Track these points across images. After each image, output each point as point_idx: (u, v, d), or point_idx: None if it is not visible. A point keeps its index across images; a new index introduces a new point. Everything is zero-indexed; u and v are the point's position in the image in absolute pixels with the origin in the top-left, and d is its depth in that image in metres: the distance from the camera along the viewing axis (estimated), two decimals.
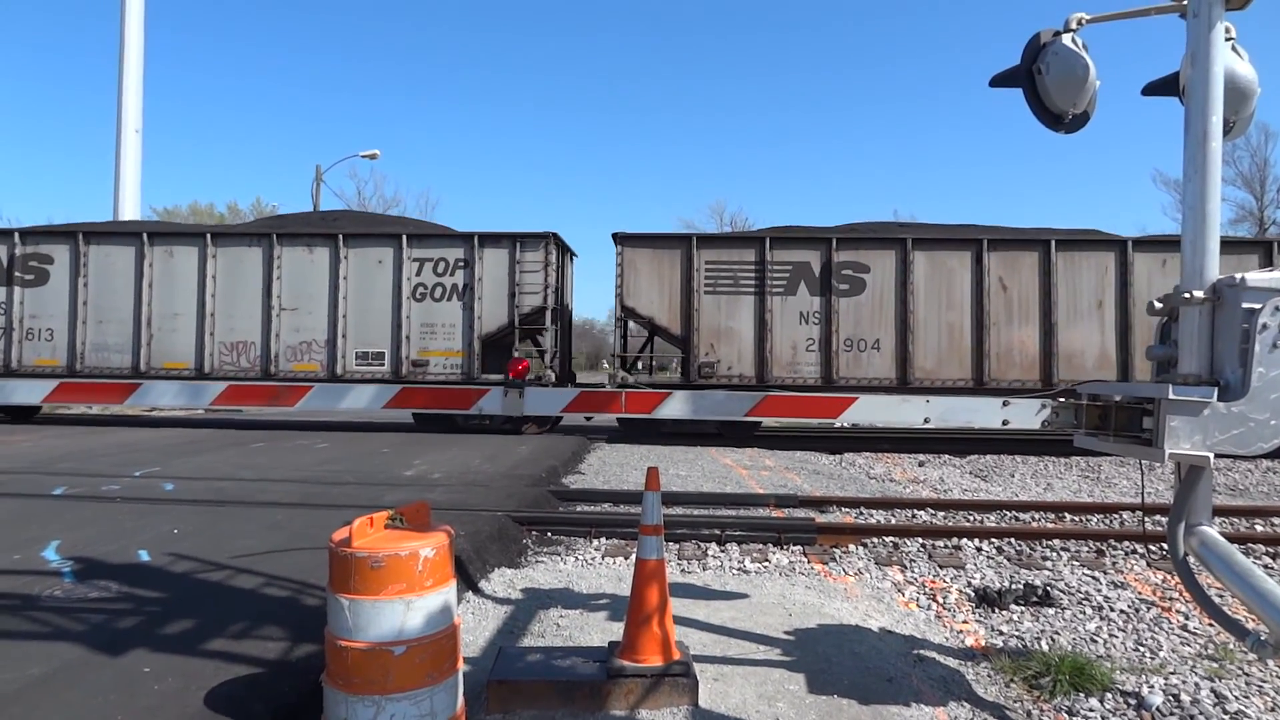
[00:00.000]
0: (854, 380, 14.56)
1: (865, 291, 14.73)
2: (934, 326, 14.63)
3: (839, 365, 14.63)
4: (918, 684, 3.94)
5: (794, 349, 14.73)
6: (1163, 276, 14.34)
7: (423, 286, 15.36)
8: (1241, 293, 2.90)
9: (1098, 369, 14.39)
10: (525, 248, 15.32)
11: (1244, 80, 3.56)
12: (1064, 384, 14.15)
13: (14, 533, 6.07)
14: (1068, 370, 14.35)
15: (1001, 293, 14.57)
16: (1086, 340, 14.47)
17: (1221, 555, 3.04)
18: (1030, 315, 14.53)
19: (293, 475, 9.41)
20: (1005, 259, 14.62)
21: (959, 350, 14.58)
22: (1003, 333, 14.54)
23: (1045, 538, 7.12)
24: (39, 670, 3.45)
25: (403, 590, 2.70)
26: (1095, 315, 14.47)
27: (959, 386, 14.42)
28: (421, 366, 15.20)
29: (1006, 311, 14.57)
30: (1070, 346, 14.46)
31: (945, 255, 14.69)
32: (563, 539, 7.04)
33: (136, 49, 28.14)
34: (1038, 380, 14.37)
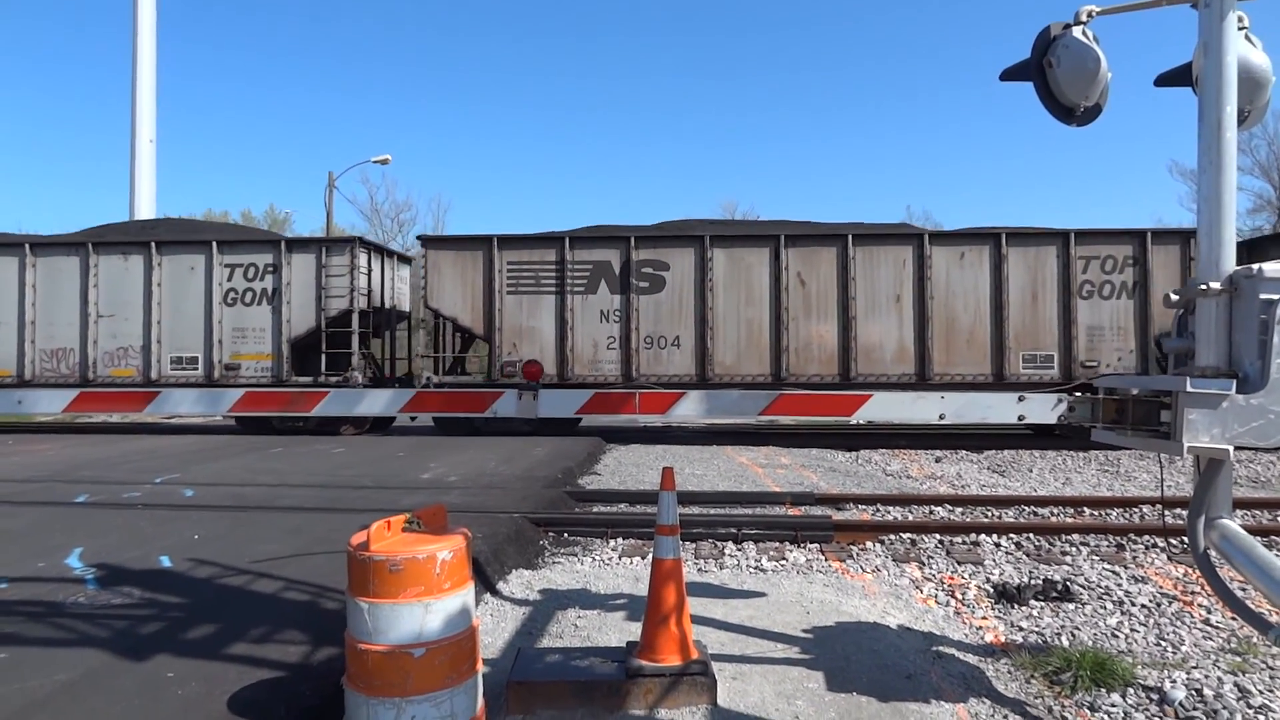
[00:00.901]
0: (653, 377, 14.80)
1: (665, 289, 14.97)
2: (733, 323, 14.83)
3: (639, 362, 14.89)
4: (937, 681, 3.93)
5: (595, 347, 15.02)
6: (960, 270, 14.56)
7: (234, 292, 15.82)
8: (1259, 283, 2.87)
9: (896, 362, 14.61)
10: (331, 252, 15.85)
11: (1258, 69, 3.53)
12: (862, 378, 14.42)
13: (38, 540, 6.14)
14: (866, 364, 14.57)
15: (800, 288, 14.76)
16: (885, 333, 14.65)
17: (1243, 548, 3.01)
18: (828, 310, 14.72)
19: (310, 480, 9.47)
20: (803, 254, 14.80)
21: (758, 346, 14.77)
22: (801, 328, 14.72)
23: (1064, 533, 7.08)
24: (65, 676, 3.49)
25: (421, 593, 2.72)
26: (894, 309, 14.62)
27: (758, 382, 14.62)
28: (234, 370, 15.69)
29: (805, 306, 14.75)
30: (869, 340, 14.66)
31: (744, 252, 14.89)
32: (580, 540, 7.06)
33: (149, 59, 28.41)
34: (836, 374, 14.58)
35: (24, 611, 4.41)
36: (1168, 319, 14.14)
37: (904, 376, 14.54)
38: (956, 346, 14.54)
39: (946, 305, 14.56)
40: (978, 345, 14.55)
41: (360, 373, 15.63)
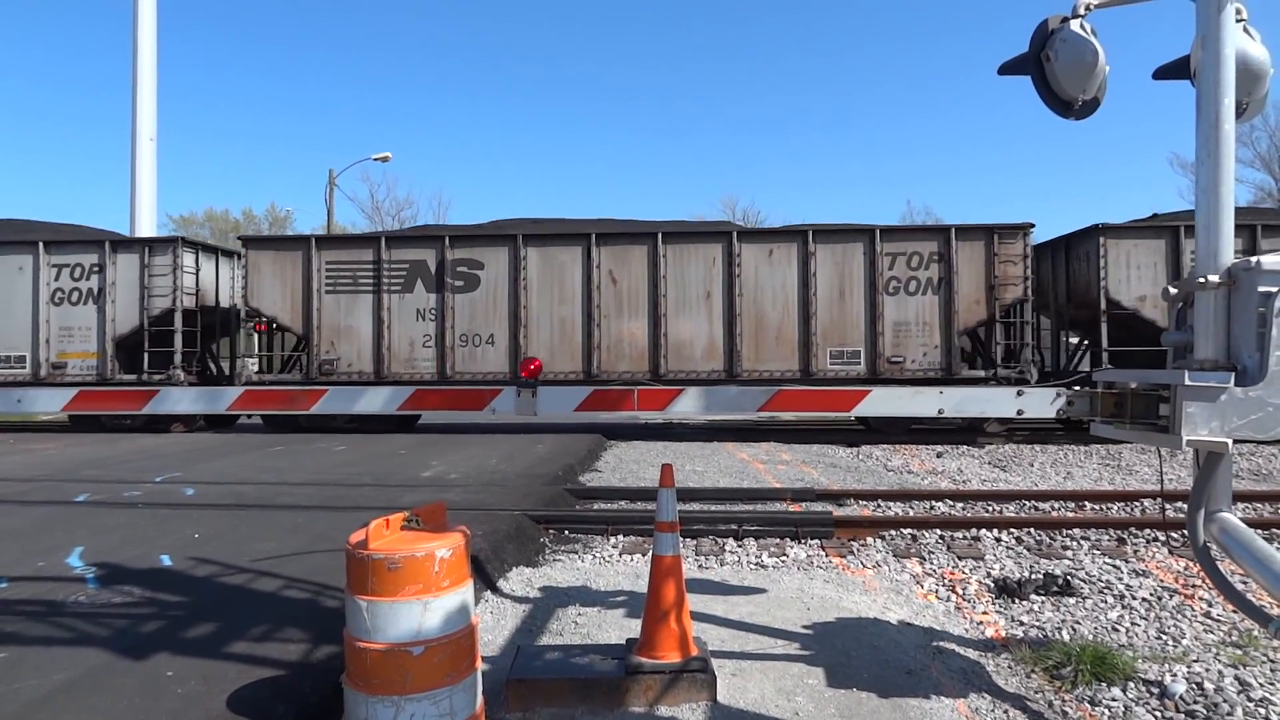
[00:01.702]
0: (469, 375, 15.07)
1: (480, 288, 15.18)
2: (546, 321, 15.03)
3: (454, 360, 15.12)
4: (937, 676, 3.93)
5: (411, 345, 15.24)
6: (769, 267, 14.71)
7: (61, 291, 15.93)
8: (1257, 276, 2.86)
9: (706, 358, 14.77)
10: (155, 252, 16.05)
11: (1256, 61, 3.52)
12: (672, 375, 14.62)
13: (39, 540, 6.15)
14: (676, 361, 14.76)
15: (612, 286, 14.95)
16: (696, 331, 14.81)
17: (1243, 541, 3.01)
18: (640, 308, 14.88)
19: (311, 478, 9.48)
20: (615, 253, 14.97)
21: (571, 343, 14.98)
22: (613, 325, 14.91)
23: (1065, 527, 7.07)
24: (64, 675, 3.50)
25: (420, 591, 2.71)
26: (704, 306, 14.76)
27: (570, 379, 14.79)
28: (60, 369, 15.85)
29: (617, 304, 14.93)
30: (679, 337, 14.83)
31: (557, 250, 15.09)
32: (580, 537, 7.06)
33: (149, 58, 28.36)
34: (646, 371, 14.72)
35: (25, 611, 4.41)
36: (971, 315, 14.49)
37: (714, 373, 14.73)
38: (765, 343, 14.72)
39: (756, 302, 14.75)
40: (786, 341, 14.71)
41: (182, 371, 15.91)
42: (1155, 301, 14.16)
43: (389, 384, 14.57)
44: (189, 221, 48.37)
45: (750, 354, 14.65)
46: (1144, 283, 14.27)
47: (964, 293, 14.45)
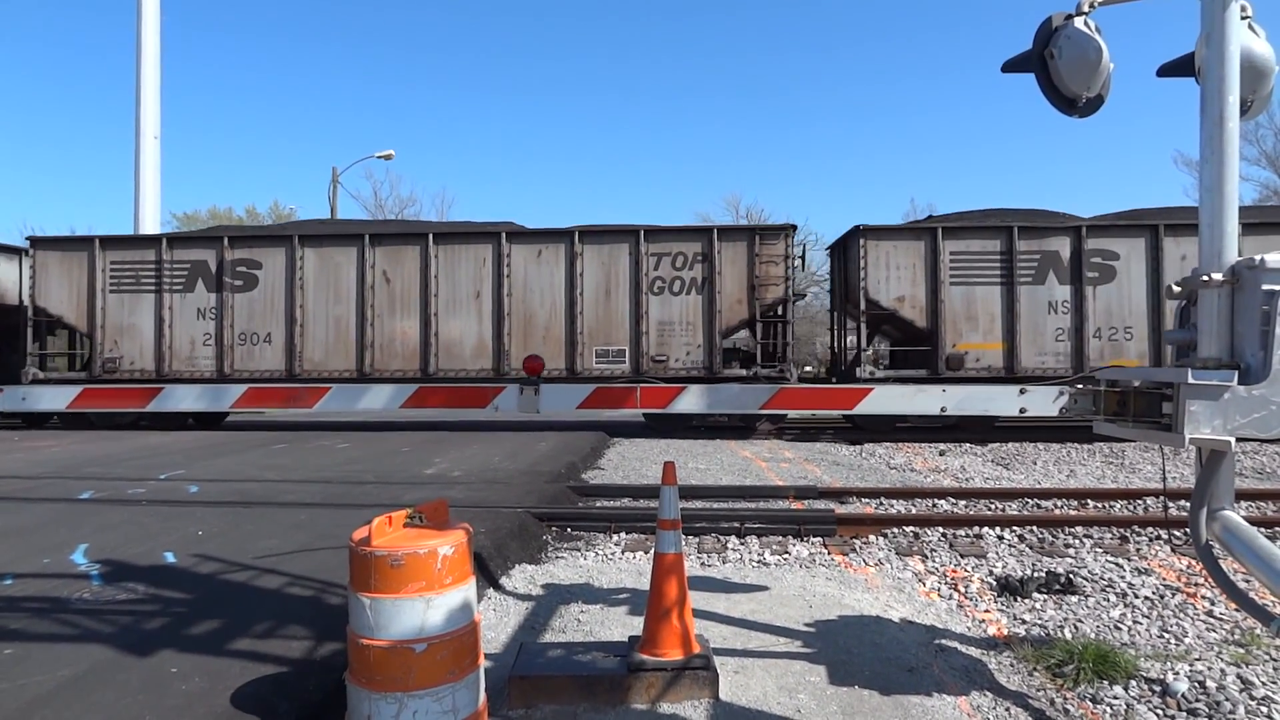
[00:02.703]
0: (246, 373, 15.40)
1: (258, 287, 15.56)
2: (322, 320, 15.42)
3: (234, 359, 15.47)
4: (939, 674, 3.93)
5: (192, 344, 15.62)
6: (538, 267, 15.06)
7: None
8: (1261, 274, 2.86)
9: (476, 357, 15.11)
10: None
11: (1261, 59, 3.51)
12: (442, 373, 14.91)
13: (43, 537, 6.17)
14: (446, 360, 15.12)
15: (385, 286, 15.32)
16: (465, 330, 15.16)
17: (1245, 540, 3.01)
18: (411, 307, 15.23)
19: (314, 476, 9.49)
20: (389, 253, 15.37)
21: (345, 342, 15.34)
22: (386, 324, 15.29)
23: (1068, 525, 7.07)
24: (69, 671, 3.51)
25: (422, 588, 2.72)
26: (474, 305, 15.12)
27: (344, 377, 15.14)
28: None
29: (390, 304, 15.31)
30: (449, 336, 15.18)
31: (333, 251, 15.48)
32: (583, 534, 7.07)
33: (153, 56, 28.38)
34: (417, 370, 15.03)
35: (29, 607, 4.43)
36: (734, 314, 14.72)
37: (482, 372, 15.01)
38: (534, 342, 15.01)
39: (525, 302, 15.07)
40: (554, 340, 15.00)
41: None
42: (914, 302, 14.48)
43: (169, 381, 15.33)
44: (193, 219, 48.39)
45: (518, 353, 14.97)
46: (903, 283, 14.53)
47: (727, 293, 14.74)
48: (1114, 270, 14.30)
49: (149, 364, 15.59)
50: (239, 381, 15.27)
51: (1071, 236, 14.32)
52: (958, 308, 14.41)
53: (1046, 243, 14.38)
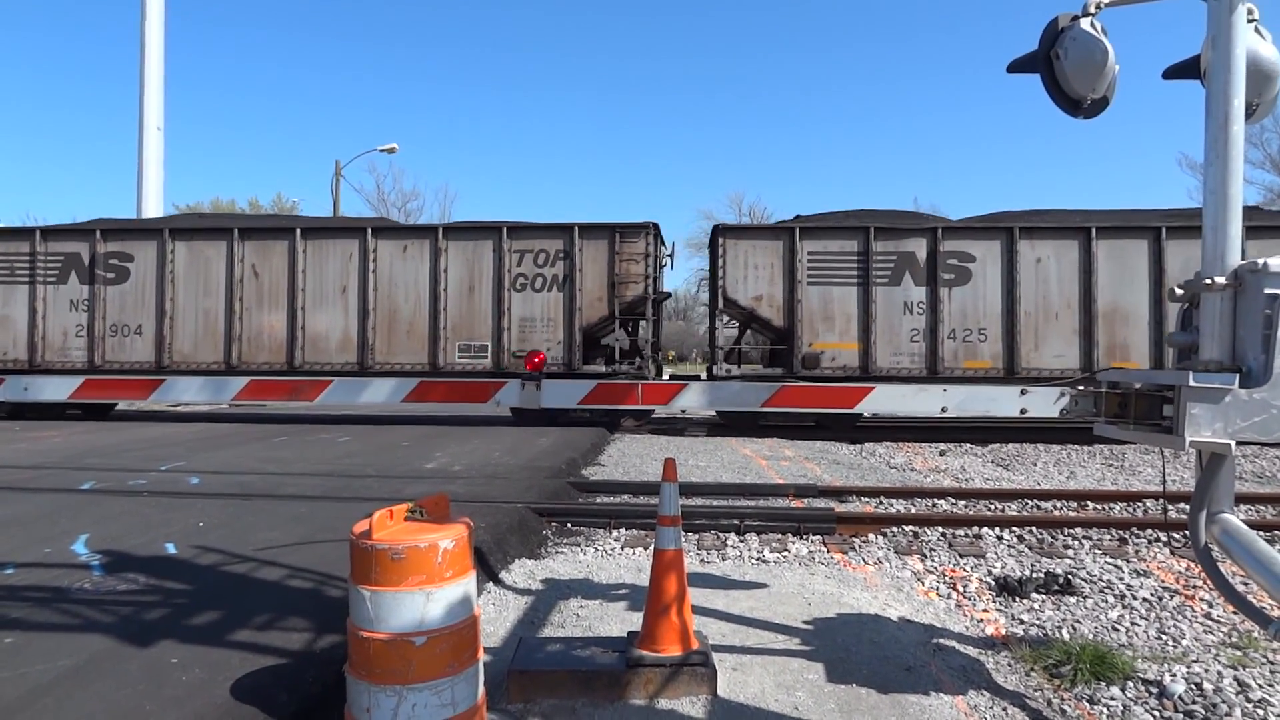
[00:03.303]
0: (118, 364, 15.73)
1: (130, 280, 15.85)
2: (192, 313, 15.73)
3: (105, 350, 15.78)
4: (937, 673, 3.94)
5: (65, 335, 15.94)
6: (403, 262, 15.39)
7: None
8: (1264, 278, 2.86)
9: (341, 351, 15.41)
10: None
11: (1267, 62, 3.50)
12: (308, 366, 15.20)
13: (44, 527, 6.18)
14: (313, 353, 15.43)
15: (254, 279, 15.62)
16: (332, 324, 15.47)
17: (1244, 543, 3.01)
18: (279, 300, 15.53)
19: (315, 469, 9.51)
20: (259, 247, 15.65)
21: (214, 335, 15.66)
22: (254, 318, 15.60)
23: (1067, 526, 7.07)
24: (70, 661, 3.52)
25: (423, 582, 2.73)
26: (340, 300, 15.41)
27: (213, 369, 15.50)
28: None
29: (258, 297, 15.61)
30: (316, 330, 15.49)
31: (204, 244, 15.78)
32: (582, 530, 7.08)
33: (157, 46, 28.38)
34: (284, 363, 15.38)
35: (30, 597, 4.44)
36: (595, 311, 14.87)
37: (348, 365, 15.27)
38: (398, 336, 15.30)
39: (390, 297, 15.34)
40: (417, 335, 15.27)
41: None
42: (771, 301, 14.65)
43: (40, 373, 15.77)
44: (196, 210, 48.43)
45: (383, 347, 15.26)
46: (760, 283, 14.68)
47: (588, 290, 15.01)
48: (970, 272, 14.43)
49: (22, 354, 15.94)
50: (111, 373, 15.61)
51: (928, 238, 14.49)
52: (814, 307, 14.59)
53: (903, 244, 14.54)
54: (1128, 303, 14.16)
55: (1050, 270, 14.27)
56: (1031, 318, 14.26)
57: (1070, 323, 14.23)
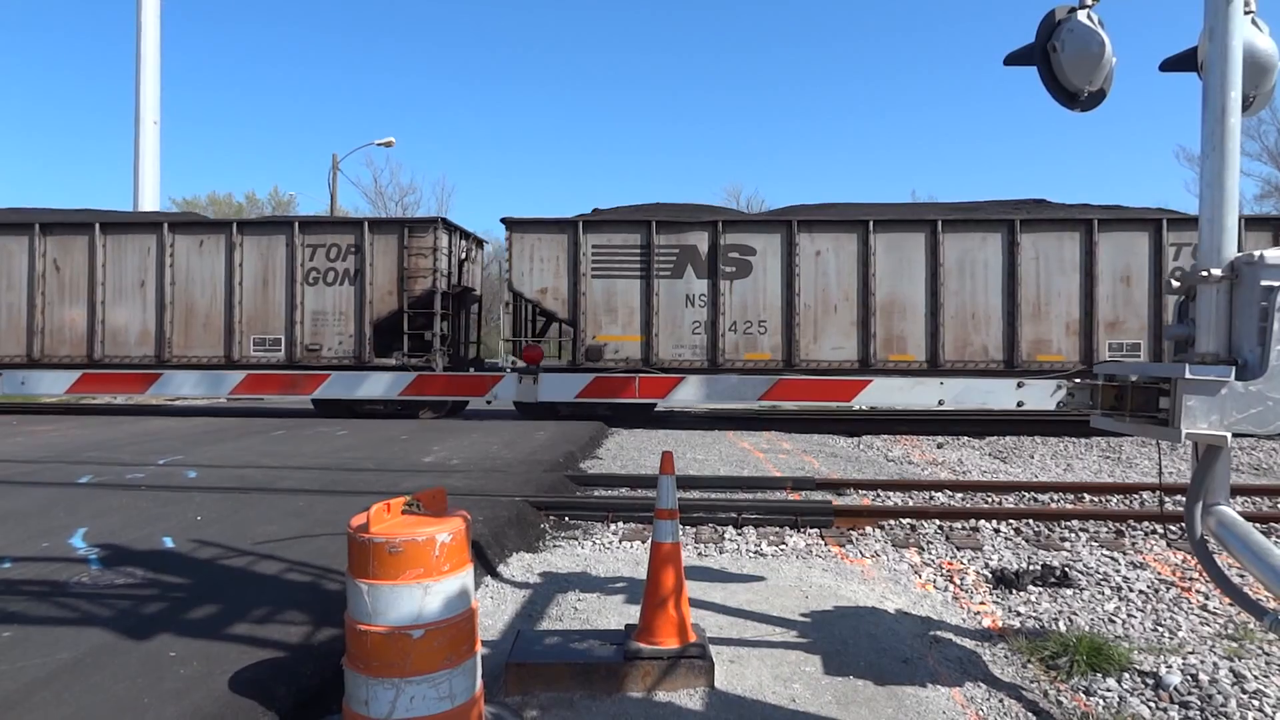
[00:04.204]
0: None
1: None
2: None
3: None
4: (934, 665, 3.95)
5: None
6: (200, 257, 15.67)
7: None
8: (1260, 270, 2.86)
9: (140, 344, 15.72)
10: None
11: (1264, 54, 3.50)
12: (109, 360, 15.41)
13: (42, 521, 6.18)
14: (113, 347, 15.67)
15: (55, 274, 15.84)
16: (131, 318, 15.76)
17: (1240, 535, 3.02)
18: (80, 295, 15.75)
19: (313, 463, 9.51)
20: (60, 242, 15.87)
21: (16, 329, 15.88)
22: (56, 312, 15.82)
23: (1064, 519, 7.09)
24: (68, 655, 3.53)
25: (420, 575, 2.73)
26: (139, 294, 15.71)
27: (15, 363, 15.55)
28: None
29: (60, 292, 15.83)
30: (115, 324, 15.78)
31: (6, 239, 15.93)
32: (580, 523, 7.09)
33: (153, 40, 28.28)
34: (84, 356, 15.62)
35: (28, 591, 4.44)
36: (385, 305, 15.06)
37: (145, 358, 15.58)
38: (195, 330, 15.66)
39: (187, 291, 15.64)
40: (214, 329, 15.60)
41: None
42: (557, 293, 14.88)
43: None
44: (193, 204, 48.32)
45: (180, 340, 15.57)
46: (546, 275, 14.91)
47: (378, 284, 15.28)
48: (750, 265, 14.60)
49: None
50: None
51: (709, 231, 14.66)
52: (598, 300, 14.78)
53: (685, 237, 14.71)
54: (905, 295, 14.39)
55: (829, 263, 14.49)
56: (811, 310, 14.47)
57: (849, 315, 14.46)
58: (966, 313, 14.28)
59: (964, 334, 14.27)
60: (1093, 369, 13.89)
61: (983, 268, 14.27)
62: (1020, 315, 14.15)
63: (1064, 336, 14.18)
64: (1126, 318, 14.12)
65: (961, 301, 14.29)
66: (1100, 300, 14.09)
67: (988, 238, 14.30)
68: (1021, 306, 14.15)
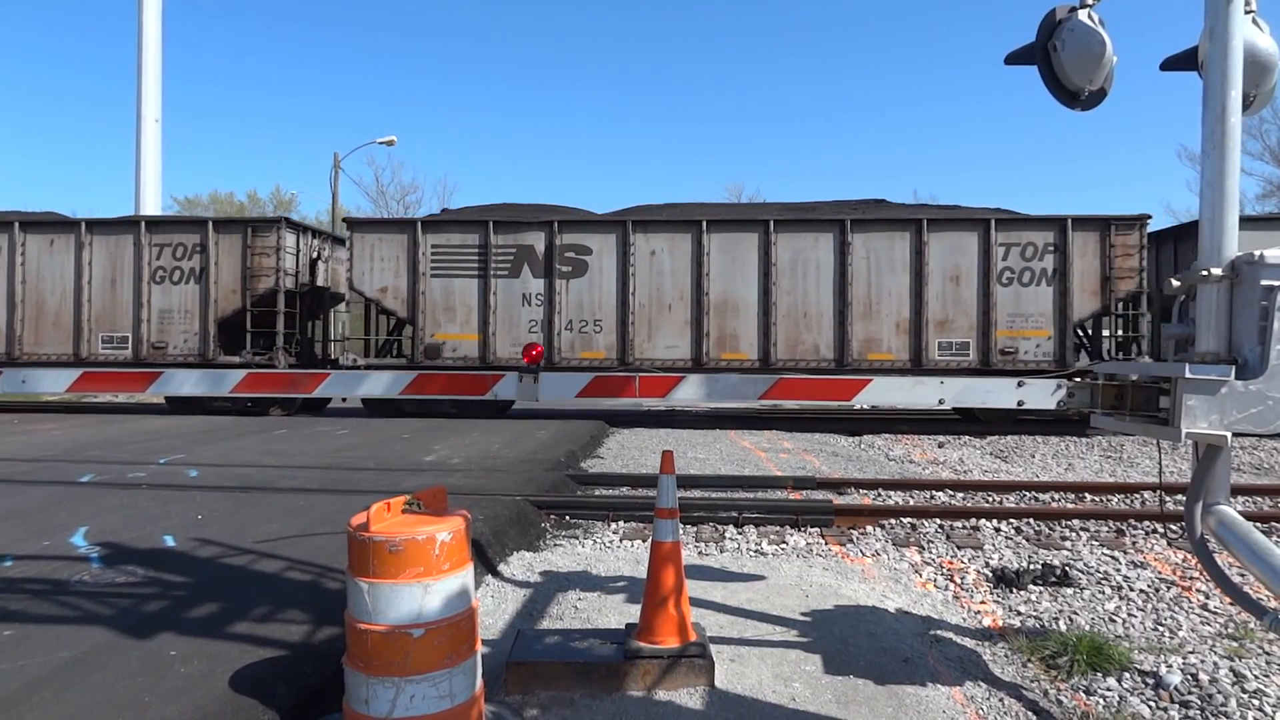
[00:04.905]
0: None
1: None
2: None
3: None
4: (934, 664, 3.95)
5: None
6: (50, 256, 15.74)
7: None
8: (1260, 269, 2.86)
9: None
10: None
11: (1264, 54, 3.50)
12: None
13: (43, 519, 6.19)
14: None
15: None
16: None
17: (1240, 534, 3.02)
18: None
19: (314, 462, 9.51)
20: None
21: None
22: None
23: (1064, 518, 7.09)
24: (69, 653, 3.53)
25: (420, 574, 2.73)
26: None
27: None
28: None
29: None
30: None
31: None
32: (581, 522, 7.09)
33: (155, 38, 28.25)
34: None
35: (29, 589, 4.45)
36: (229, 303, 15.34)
37: None
38: (45, 328, 15.81)
39: (38, 290, 15.78)
40: (63, 327, 15.71)
41: None
42: (396, 292, 15.09)
43: None
44: (194, 203, 48.36)
45: (31, 338, 15.79)
46: (386, 274, 15.14)
47: (223, 283, 15.59)
48: (587, 265, 14.78)
49: None
50: None
51: (546, 231, 14.83)
52: (437, 299, 14.99)
53: (522, 237, 14.90)
54: (738, 294, 14.53)
55: (664, 263, 14.66)
56: (646, 309, 14.63)
57: (683, 314, 14.60)
58: (798, 312, 14.47)
59: (796, 333, 14.47)
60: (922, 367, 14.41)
61: (815, 267, 14.46)
62: (851, 314, 14.34)
63: (894, 335, 14.33)
64: (956, 316, 14.27)
65: (794, 301, 14.48)
66: (930, 299, 14.24)
67: (820, 238, 14.53)
68: (853, 306, 14.33)
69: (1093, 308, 14.19)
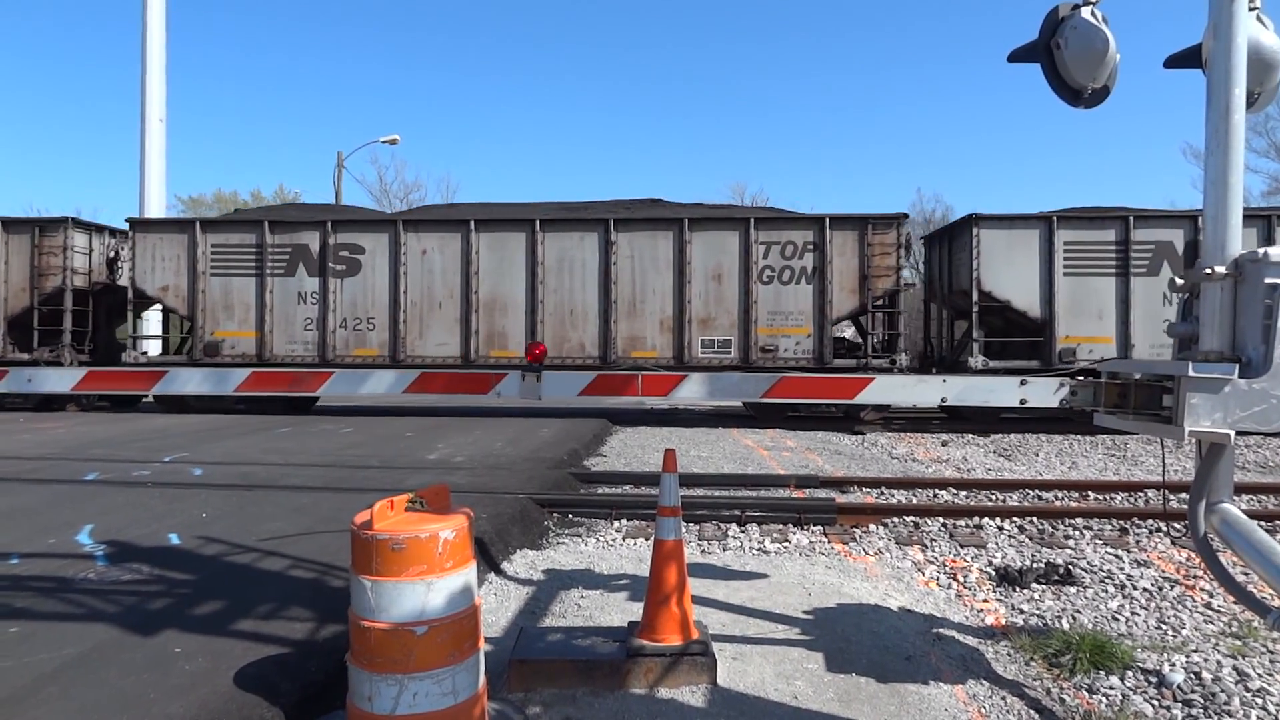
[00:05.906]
0: None
1: None
2: None
3: None
4: (936, 662, 3.95)
5: None
6: None
7: None
8: (1264, 268, 2.85)
9: None
10: None
11: (1269, 51, 3.49)
12: None
13: (49, 517, 6.21)
14: None
15: None
16: None
17: (1243, 533, 3.02)
18: None
19: (318, 460, 9.53)
20: None
21: None
22: None
23: (1068, 516, 7.08)
24: (74, 650, 3.55)
25: (423, 572, 2.74)
26: None
27: None
28: None
29: None
30: None
31: None
32: (584, 520, 7.10)
33: (159, 37, 28.28)
34: None
35: (35, 587, 4.47)
36: (18, 302, 15.72)
37: None
38: None
39: None
40: None
41: None
42: (178, 291, 15.52)
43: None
44: (198, 202, 48.44)
45: None
46: (168, 274, 15.59)
47: (13, 282, 15.99)
48: (360, 264, 15.13)
49: None
50: None
51: (320, 231, 15.19)
52: (216, 298, 15.39)
53: (298, 237, 15.28)
54: (506, 293, 14.85)
55: (435, 262, 14.98)
56: (417, 307, 14.95)
57: (453, 312, 14.91)
58: (565, 310, 14.74)
59: (562, 330, 14.74)
60: (684, 364, 14.54)
61: (580, 266, 14.73)
62: (616, 312, 14.57)
63: (659, 333, 14.57)
64: (718, 314, 14.49)
65: (560, 299, 14.76)
66: (693, 298, 14.48)
67: (585, 237, 14.79)
68: (617, 304, 14.57)
69: (851, 306, 14.38)
